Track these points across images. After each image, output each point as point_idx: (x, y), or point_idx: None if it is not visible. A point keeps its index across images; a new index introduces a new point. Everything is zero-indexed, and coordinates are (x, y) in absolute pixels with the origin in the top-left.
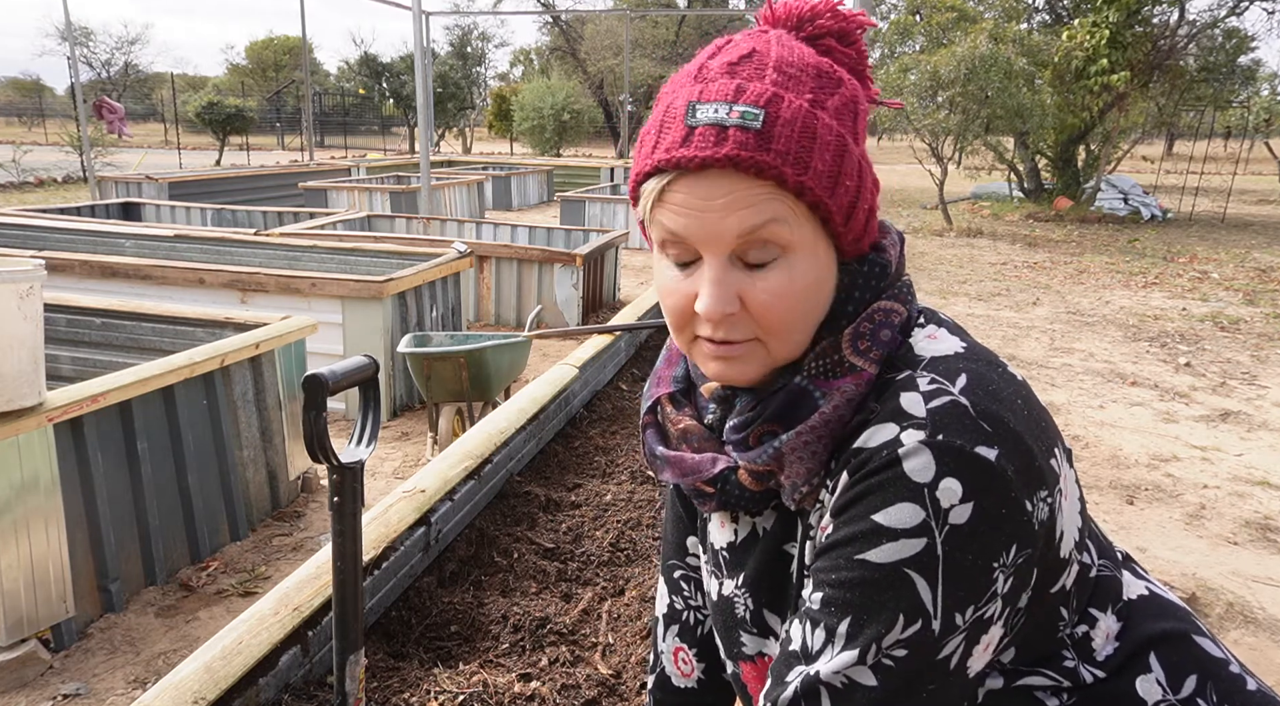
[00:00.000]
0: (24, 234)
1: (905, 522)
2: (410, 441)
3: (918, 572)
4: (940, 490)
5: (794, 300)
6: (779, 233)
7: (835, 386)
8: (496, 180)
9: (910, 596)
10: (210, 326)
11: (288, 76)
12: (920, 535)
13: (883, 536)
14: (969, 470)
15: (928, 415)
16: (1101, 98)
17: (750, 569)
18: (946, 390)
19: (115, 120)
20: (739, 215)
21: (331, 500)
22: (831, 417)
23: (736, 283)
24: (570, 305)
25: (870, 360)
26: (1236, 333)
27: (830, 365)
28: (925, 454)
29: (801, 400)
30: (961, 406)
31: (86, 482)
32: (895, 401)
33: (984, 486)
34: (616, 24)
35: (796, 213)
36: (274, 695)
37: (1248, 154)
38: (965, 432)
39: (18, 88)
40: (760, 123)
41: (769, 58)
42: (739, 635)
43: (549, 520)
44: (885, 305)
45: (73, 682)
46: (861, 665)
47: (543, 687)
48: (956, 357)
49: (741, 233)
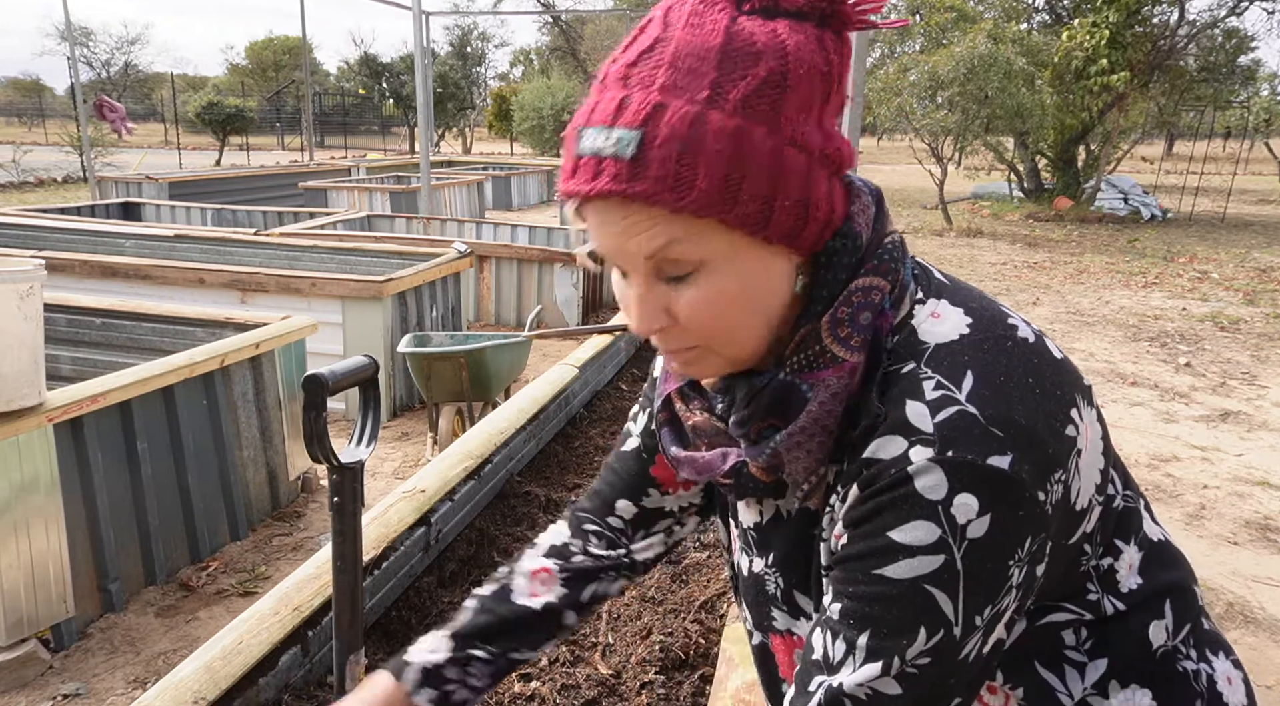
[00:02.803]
0: (24, 234)
1: (922, 540)
2: (410, 441)
3: (938, 588)
4: (955, 506)
5: (719, 310)
6: (682, 251)
7: (821, 378)
8: (496, 180)
9: (931, 610)
10: (210, 326)
11: (288, 76)
12: (938, 552)
13: (899, 553)
14: (983, 484)
15: (935, 430)
16: (1101, 98)
17: (778, 550)
18: (953, 398)
19: (117, 119)
20: (636, 241)
21: (331, 500)
22: (820, 415)
23: (661, 296)
24: (570, 305)
25: (852, 348)
26: (1236, 333)
27: (812, 357)
28: (936, 471)
29: (790, 394)
30: (970, 416)
31: (86, 482)
32: (901, 411)
33: (999, 497)
34: (616, 24)
35: (699, 228)
36: (274, 695)
37: (1248, 154)
38: (975, 445)
39: (18, 88)
40: (634, 148)
41: (668, 49)
42: (770, 611)
43: (549, 520)
44: (863, 283)
45: (73, 682)
46: (886, 676)
47: (543, 687)
48: (962, 345)
49: (647, 255)
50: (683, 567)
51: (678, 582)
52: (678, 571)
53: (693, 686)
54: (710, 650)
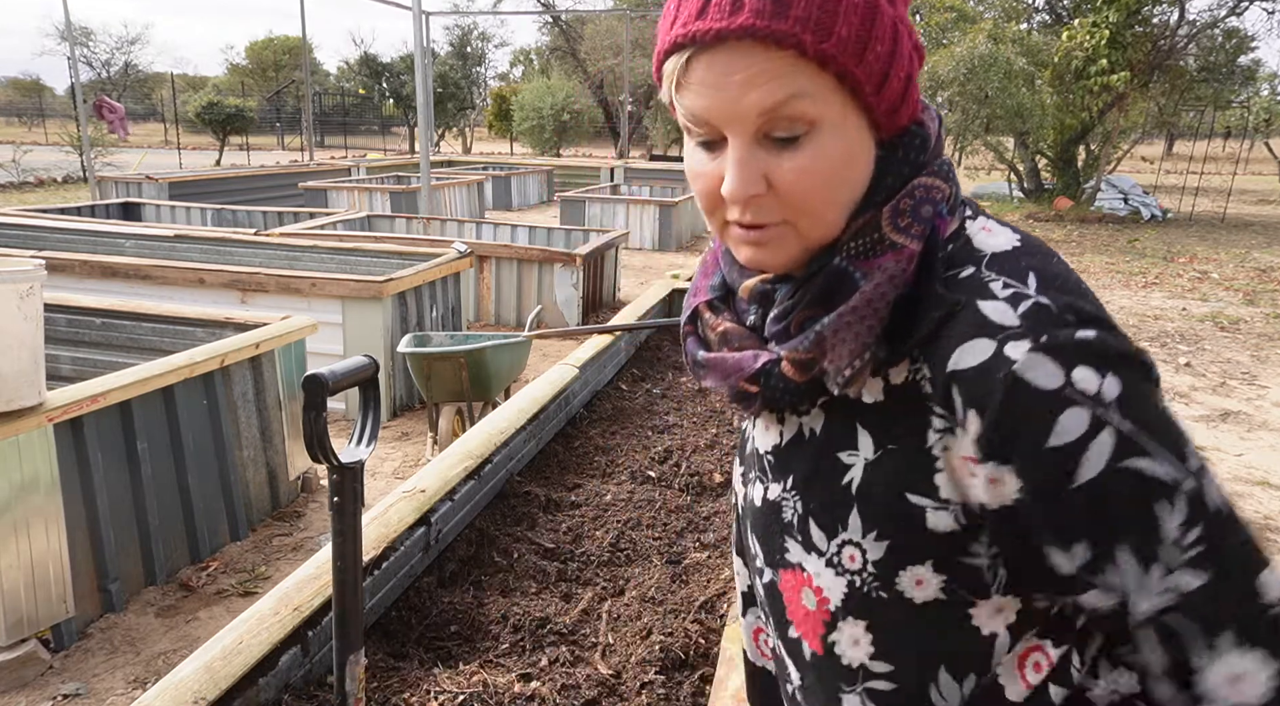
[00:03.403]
0: (24, 234)
1: (1079, 428)
2: (410, 441)
3: (1133, 457)
4: (1078, 382)
5: (822, 178)
6: (803, 108)
7: (876, 265)
8: (496, 180)
9: (1143, 482)
10: (210, 326)
11: (288, 76)
12: (1099, 428)
13: (1073, 456)
14: (1088, 353)
15: (1021, 321)
16: (1101, 98)
17: (798, 471)
18: (1025, 293)
19: (116, 120)
20: (759, 91)
21: (331, 500)
22: (873, 296)
23: (762, 162)
24: (570, 305)
25: (911, 236)
26: (1236, 333)
27: (870, 244)
28: (1041, 358)
29: (841, 282)
30: (1044, 304)
31: (86, 482)
32: (976, 311)
33: (1106, 360)
34: (616, 24)
35: (820, 84)
36: (274, 695)
37: (1248, 154)
38: (1063, 326)
39: (18, 88)
40: None
41: None
42: (783, 540)
43: (549, 520)
44: (926, 181)
45: (73, 682)
46: (1169, 574)
47: (543, 687)
48: (1016, 254)
49: (763, 110)
50: (683, 567)
51: (678, 582)
52: (678, 571)
53: (693, 686)
54: (710, 650)
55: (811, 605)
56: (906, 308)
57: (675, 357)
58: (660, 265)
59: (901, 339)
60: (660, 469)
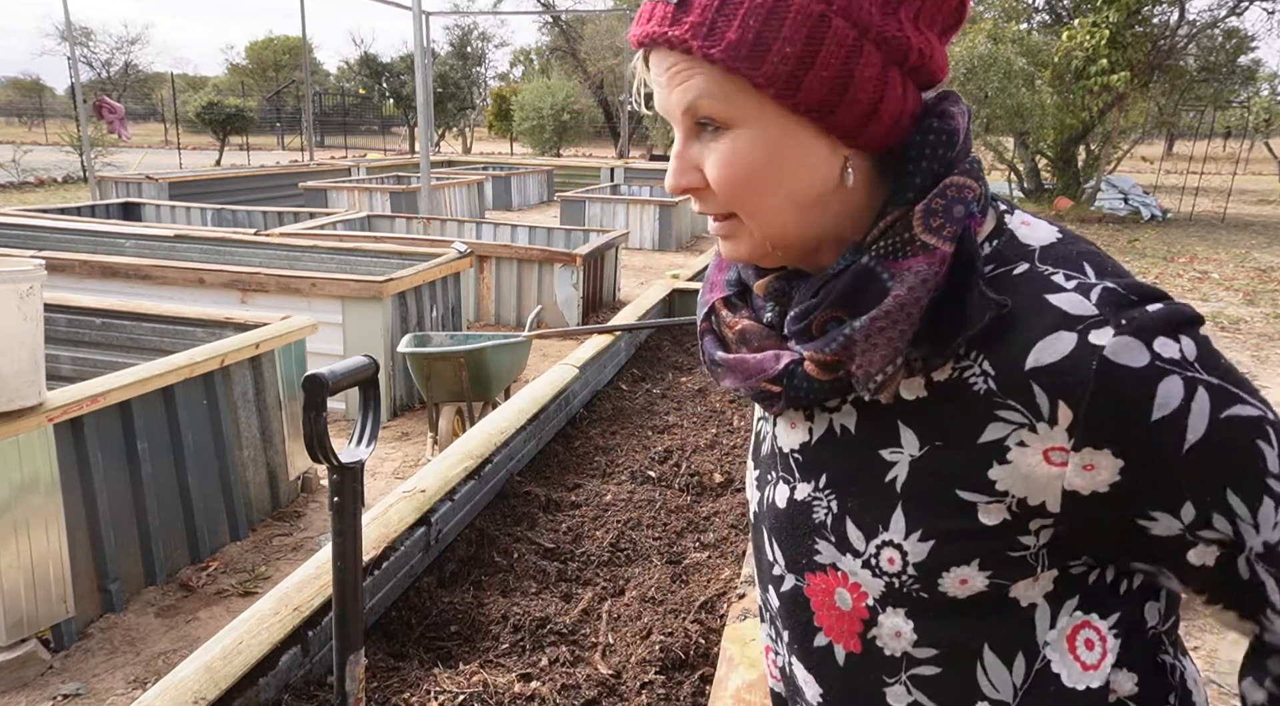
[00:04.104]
0: (24, 234)
1: (1178, 395)
2: (410, 441)
3: (1228, 406)
4: (1163, 353)
5: (743, 174)
6: (711, 108)
7: (906, 266)
8: (496, 180)
9: (1242, 425)
10: (210, 326)
11: (288, 76)
12: (1194, 389)
13: (1178, 422)
14: (1162, 324)
15: (1099, 309)
16: (1101, 98)
17: (833, 470)
18: (1089, 281)
19: (115, 120)
20: (677, 92)
21: (331, 500)
22: (907, 300)
23: (696, 155)
24: (570, 305)
25: (944, 238)
26: (1236, 333)
27: (900, 244)
28: (1127, 340)
29: (868, 282)
30: (1111, 289)
31: (86, 482)
32: (1046, 306)
33: (1179, 325)
34: (616, 24)
35: (729, 86)
36: (274, 695)
37: (1248, 154)
38: (1132, 306)
39: (18, 88)
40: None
41: None
42: (813, 543)
43: (549, 520)
44: (958, 181)
45: (73, 682)
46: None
47: (543, 687)
48: (1064, 244)
49: (684, 108)
50: (683, 567)
51: (678, 582)
52: (678, 571)
53: (693, 686)
54: (710, 650)
55: (846, 606)
56: (943, 310)
57: (675, 358)
58: (660, 265)
59: (942, 341)
60: (660, 469)
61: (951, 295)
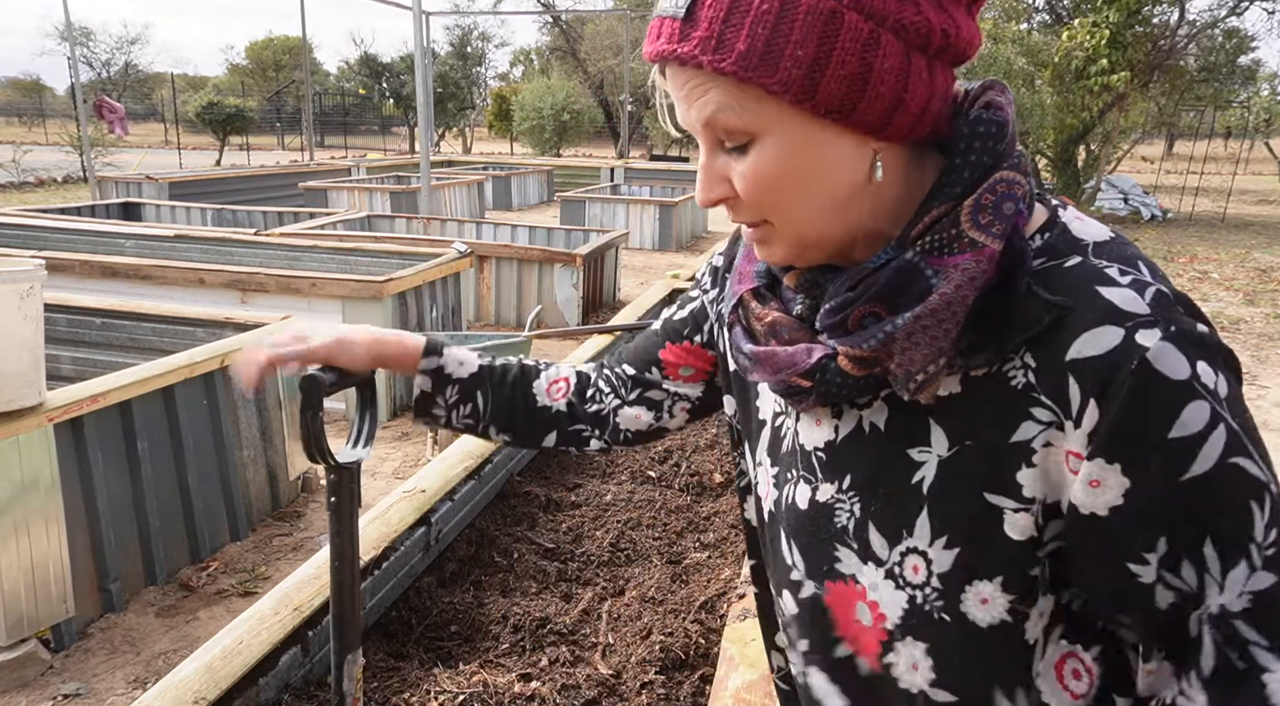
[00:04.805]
0: (24, 234)
1: (1201, 420)
2: (410, 441)
3: (1239, 456)
4: (1201, 376)
5: (769, 185)
6: (729, 121)
7: (953, 263)
8: (496, 180)
9: (1245, 480)
10: (210, 326)
11: (288, 76)
12: (1217, 422)
13: (1191, 448)
14: (1205, 349)
15: (1151, 309)
16: (1101, 98)
17: (859, 471)
18: (1145, 280)
19: (116, 120)
20: (695, 107)
21: (329, 501)
22: (953, 298)
23: (723, 167)
24: (570, 305)
25: (993, 235)
26: (1236, 333)
27: (947, 239)
28: (1173, 350)
29: (911, 279)
30: (1164, 294)
31: (86, 482)
32: (1098, 298)
33: (1216, 359)
34: (616, 24)
35: (745, 97)
36: (274, 695)
37: (1248, 154)
38: (1182, 318)
39: (18, 88)
40: (685, 9)
41: None
42: (834, 548)
43: (549, 520)
44: (1007, 176)
45: (73, 682)
46: (1253, 573)
47: (543, 687)
48: (1118, 243)
49: (703, 123)
50: (683, 567)
51: (678, 582)
52: (678, 571)
53: (693, 686)
54: (710, 650)
55: (867, 621)
56: (987, 307)
57: None
58: (660, 265)
59: (989, 341)
60: (660, 469)
61: (997, 294)
